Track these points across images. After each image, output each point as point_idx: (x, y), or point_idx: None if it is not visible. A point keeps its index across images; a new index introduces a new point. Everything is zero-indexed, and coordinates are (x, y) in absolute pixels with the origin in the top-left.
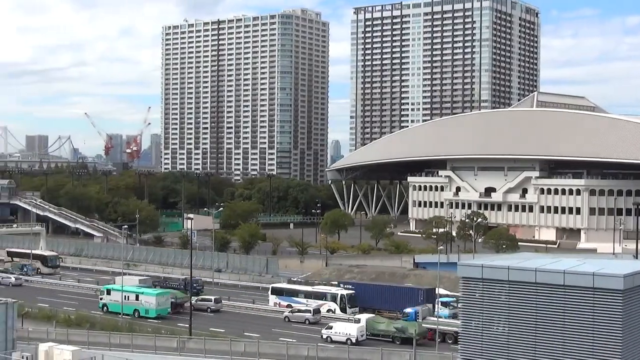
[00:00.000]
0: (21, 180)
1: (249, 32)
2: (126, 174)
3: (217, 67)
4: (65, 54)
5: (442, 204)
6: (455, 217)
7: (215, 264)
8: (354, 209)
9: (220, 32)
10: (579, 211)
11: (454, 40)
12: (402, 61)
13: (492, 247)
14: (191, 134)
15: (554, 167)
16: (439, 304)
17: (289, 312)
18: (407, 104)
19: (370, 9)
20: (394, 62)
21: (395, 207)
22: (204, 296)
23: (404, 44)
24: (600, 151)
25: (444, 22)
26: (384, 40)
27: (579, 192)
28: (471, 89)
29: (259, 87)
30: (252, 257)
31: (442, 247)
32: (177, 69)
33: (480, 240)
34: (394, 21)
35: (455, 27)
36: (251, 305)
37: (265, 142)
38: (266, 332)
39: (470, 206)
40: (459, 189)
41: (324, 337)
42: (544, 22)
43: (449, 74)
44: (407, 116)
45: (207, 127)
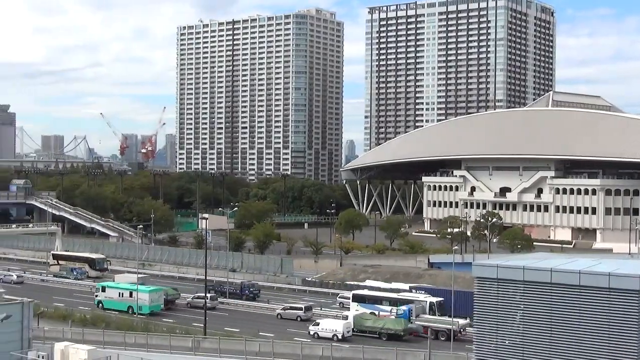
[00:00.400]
0: (37, 180)
1: (263, 32)
2: (141, 174)
3: (231, 67)
4: (80, 54)
5: (456, 203)
6: (470, 217)
7: (229, 264)
8: (369, 208)
9: (235, 32)
10: (594, 211)
11: (469, 39)
12: (417, 61)
13: (507, 247)
14: (206, 134)
15: (569, 167)
16: (453, 306)
17: (281, 310)
18: (422, 104)
19: (385, 9)
20: (408, 61)
21: (409, 207)
22: (200, 294)
23: (418, 44)
24: (616, 151)
25: (459, 22)
26: (399, 39)
27: (594, 192)
28: (486, 88)
29: (274, 87)
30: (267, 257)
31: (456, 247)
32: (192, 69)
33: (495, 240)
34: (409, 21)
35: (470, 27)
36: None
37: (279, 142)
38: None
39: (485, 206)
40: (473, 189)
41: (311, 333)
42: (560, 21)
43: (463, 73)
44: (422, 116)
45: (221, 127)
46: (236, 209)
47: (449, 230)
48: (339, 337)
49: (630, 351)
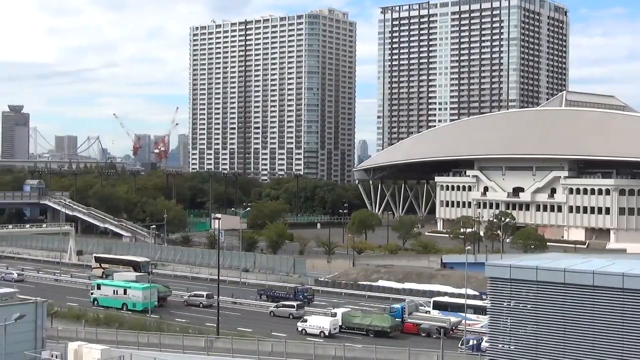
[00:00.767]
0: (50, 180)
1: (276, 32)
2: (154, 174)
3: (244, 68)
4: (94, 55)
5: (469, 203)
6: (482, 217)
7: (242, 264)
8: (381, 208)
9: (247, 32)
10: (608, 211)
11: (482, 39)
12: (430, 60)
13: (520, 247)
14: (219, 134)
15: (583, 167)
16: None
17: (274, 307)
18: (435, 104)
19: (397, 9)
20: (421, 61)
21: (422, 207)
22: (196, 292)
23: (431, 44)
24: (630, 150)
25: (472, 22)
26: (411, 39)
27: (608, 192)
28: (499, 88)
29: (286, 87)
30: (280, 257)
31: (469, 247)
32: (204, 69)
33: (508, 240)
34: (421, 20)
35: (482, 26)
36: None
37: (292, 142)
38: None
39: (498, 206)
40: (486, 189)
41: (299, 329)
42: (573, 21)
43: (476, 73)
44: (435, 116)
45: (234, 127)
46: (249, 209)
47: (462, 230)
48: (326, 333)
49: None
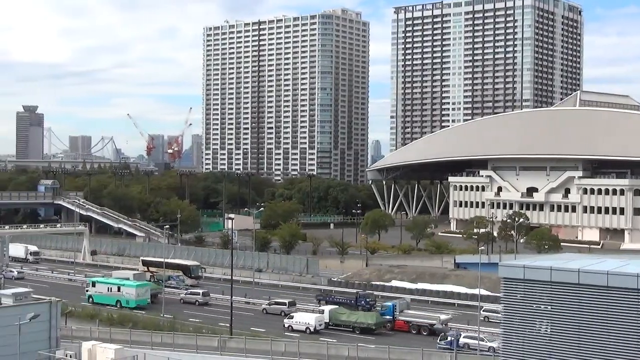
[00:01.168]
0: (65, 180)
1: (289, 32)
2: (168, 174)
3: (257, 68)
4: (107, 55)
5: (483, 204)
6: (496, 218)
7: (255, 264)
8: (395, 209)
9: (260, 32)
10: (622, 211)
11: (495, 39)
12: (443, 60)
13: (534, 247)
14: (232, 134)
15: (597, 167)
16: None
17: (267, 305)
18: (448, 104)
19: (410, 9)
20: (434, 61)
21: (435, 207)
22: (192, 290)
23: (444, 43)
24: None
25: (485, 21)
26: (425, 39)
27: (622, 192)
28: (513, 88)
29: (300, 88)
30: (293, 257)
31: (483, 248)
32: (218, 69)
33: (521, 240)
34: (435, 20)
35: (496, 26)
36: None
37: (305, 142)
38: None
39: (511, 206)
40: (500, 189)
41: (286, 326)
42: (588, 20)
43: (490, 73)
44: (448, 116)
45: (247, 128)
46: (262, 209)
47: (475, 230)
48: (311, 330)
49: None
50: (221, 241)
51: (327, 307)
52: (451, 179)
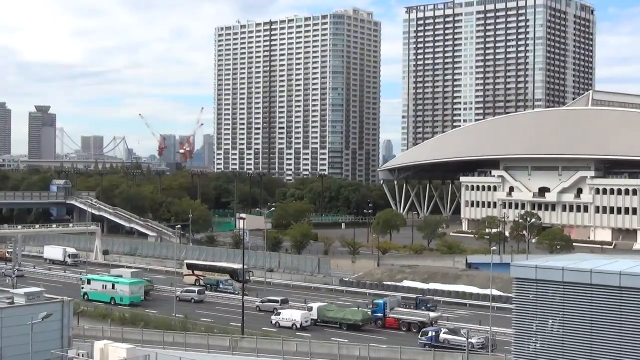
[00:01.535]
0: (77, 180)
1: (300, 32)
2: (179, 174)
3: (269, 68)
4: (120, 55)
5: (494, 204)
6: (508, 217)
7: (267, 264)
8: (406, 208)
9: (272, 32)
10: (635, 211)
11: (507, 38)
12: (455, 60)
13: (546, 247)
14: (243, 134)
15: (609, 167)
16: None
17: (260, 302)
18: (460, 104)
19: (422, 8)
20: (446, 61)
21: (447, 207)
22: (188, 288)
23: (456, 43)
24: None
25: (497, 21)
26: (436, 39)
27: (635, 192)
28: (524, 87)
29: (311, 87)
30: (304, 257)
31: (495, 248)
32: (229, 69)
33: (533, 240)
34: (446, 20)
35: (508, 26)
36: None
37: (317, 142)
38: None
39: (523, 206)
40: (512, 189)
41: (273, 322)
42: (600, 20)
43: (501, 72)
44: (460, 115)
45: (259, 127)
46: (273, 209)
47: (487, 230)
48: (298, 326)
49: None
50: (232, 241)
51: (315, 305)
52: (463, 178)
